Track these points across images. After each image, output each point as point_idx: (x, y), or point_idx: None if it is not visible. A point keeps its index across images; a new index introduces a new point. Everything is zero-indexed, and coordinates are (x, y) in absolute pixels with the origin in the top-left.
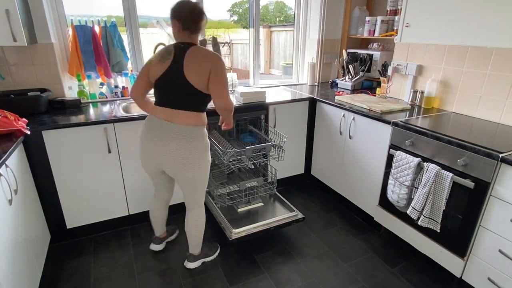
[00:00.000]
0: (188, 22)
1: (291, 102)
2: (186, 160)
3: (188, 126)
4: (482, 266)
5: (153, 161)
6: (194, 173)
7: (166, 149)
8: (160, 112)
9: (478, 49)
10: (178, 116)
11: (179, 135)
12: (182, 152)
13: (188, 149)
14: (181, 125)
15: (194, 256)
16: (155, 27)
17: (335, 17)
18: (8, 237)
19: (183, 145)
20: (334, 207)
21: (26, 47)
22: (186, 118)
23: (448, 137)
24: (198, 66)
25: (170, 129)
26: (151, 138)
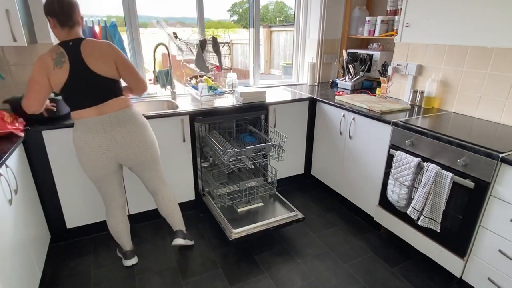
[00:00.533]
0: (62, 17)
1: (291, 102)
2: (141, 139)
3: (122, 110)
4: (482, 266)
5: (107, 159)
6: (152, 148)
7: (116, 139)
8: (86, 113)
9: (478, 49)
10: (107, 106)
11: (122, 121)
12: (133, 134)
13: (135, 129)
14: (117, 111)
15: (182, 232)
16: (155, 27)
17: (335, 17)
18: (8, 237)
19: (130, 127)
20: (334, 207)
21: (26, 47)
22: (116, 105)
23: (448, 137)
24: (100, 57)
25: (110, 119)
26: (96, 137)
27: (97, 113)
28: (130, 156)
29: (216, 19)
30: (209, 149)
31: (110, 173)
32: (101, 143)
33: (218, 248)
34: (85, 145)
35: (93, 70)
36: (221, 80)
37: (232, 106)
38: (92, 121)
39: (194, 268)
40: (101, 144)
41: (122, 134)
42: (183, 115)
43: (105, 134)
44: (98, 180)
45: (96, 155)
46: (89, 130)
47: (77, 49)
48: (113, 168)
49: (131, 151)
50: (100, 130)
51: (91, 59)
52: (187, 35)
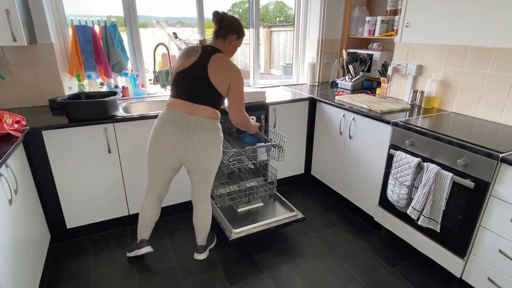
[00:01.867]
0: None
1: (291, 102)
2: (209, 151)
3: (208, 119)
4: (482, 266)
5: (174, 154)
6: (213, 163)
7: (192, 140)
8: (180, 105)
9: (478, 49)
10: (197, 109)
11: (203, 127)
12: (206, 143)
13: (210, 140)
14: (202, 117)
15: (203, 247)
16: (155, 27)
17: (335, 17)
18: (8, 237)
19: (207, 137)
20: (334, 207)
21: (26, 47)
22: (205, 112)
23: (448, 137)
24: (220, 72)
25: (194, 121)
26: (175, 130)
27: (187, 111)
28: (193, 162)
29: None
30: None
31: (167, 170)
32: (177, 140)
33: (218, 248)
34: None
35: (208, 75)
36: None
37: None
38: (181, 115)
39: (194, 268)
40: (174, 142)
41: (199, 138)
42: None
43: (186, 134)
44: (153, 171)
45: (165, 149)
46: (174, 122)
47: (210, 54)
48: (174, 165)
49: (197, 158)
50: (182, 128)
51: (212, 67)
52: (187, 35)
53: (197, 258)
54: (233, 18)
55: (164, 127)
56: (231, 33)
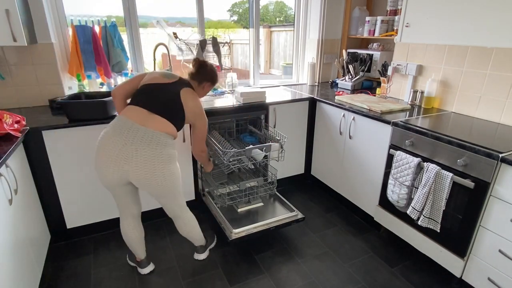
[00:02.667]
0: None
1: (291, 102)
2: (157, 167)
3: (161, 132)
4: (482, 266)
5: (119, 168)
6: (165, 181)
7: (137, 154)
8: (134, 113)
9: (478, 49)
10: (153, 120)
11: (152, 141)
12: (153, 159)
13: (159, 156)
14: (154, 130)
15: (202, 247)
16: (155, 27)
17: (335, 17)
18: (8, 237)
19: (155, 152)
20: (334, 207)
21: (26, 47)
22: (162, 125)
23: (448, 137)
24: (189, 105)
25: (142, 133)
26: (119, 141)
27: (139, 121)
28: (139, 179)
29: (216, 19)
30: (209, 149)
31: (118, 185)
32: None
33: (218, 248)
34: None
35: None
36: (221, 80)
37: (232, 106)
38: (130, 125)
39: (194, 268)
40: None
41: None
42: None
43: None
44: (110, 190)
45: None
46: (120, 132)
47: (186, 85)
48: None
49: (143, 174)
50: (127, 139)
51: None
52: (187, 35)
53: (197, 258)
54: (211, 68)
55: (107, 137)
56: (206, 80)
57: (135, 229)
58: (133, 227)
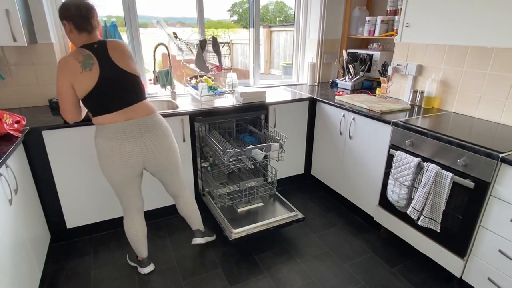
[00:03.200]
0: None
1: (291, 102)
2: (168, 145)
3: (150, 115)
4: (482, 266)
5: (135, 164)
6: (176, 153)
7: (146, 145)
8: (116, 117)
9: (478, 49)
10: (137, 110)
11: (150, 126)
12: (162, 139)
13: (164, 134)
14: (145, 117)
15: (200, 231)
16: (155, 27)
17: (335, 17)
18: (8, 237)
19: (159, 133)
20: (334, 207)
21: (26, 47)
22: (144, 110)
23: (448, 137)
24: (123, 55)
25: (139, 125)
26: (124, 143)
27: (125, 118)
28: (158, 161)
29: (216, 19)
30: (209, 149)
31: (135, 178)
32: (130, 149)
33: (218, 248)
34: (112, 152)
35: (124, 69)
36: (221, 80)
37: (232, 106)
38: (120, 126)
39: (194, 268)
40: (130, 150)
41: (151, 139)
42: (183, 115)
43: (134, 140)
44: (120, 185)
45: (125, 161)
46: (116, 137)
47: (105, 49)
48: (138, 172)
49: (159, 156)
50: (129, 136)
51: (120, 58)
52: (187, 35)
53: (194, 243)
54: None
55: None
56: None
57: (141, 224)
58: (138, 222)
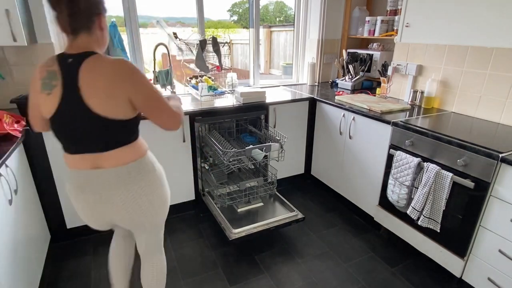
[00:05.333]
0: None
1: (291, 102)
2: (143, 205)
3: (128, 164)
4: (482, 266)
5: (99, 220)
6: (156, 215)
7: (110, 204)
8: (79, 161)
9: (478, 49)
10: (107, 159)
11: (121, 180)
12: (134, 198)
13: (141, 191)
14: (119, 167)
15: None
16: (155, 27)
17: (335, 17)
18: (8, 237)
19: (132, 189)
20: (334, 207)
21: (26, 47)
22: (119, 158)
23: (448, 137)
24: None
25: (106, 177)
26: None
27: (91, 165)
28: (127, 223)
29: (216, 19)
30: (209, 149)
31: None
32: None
33: (218, 248)
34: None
35: (90, 108)
36: (221, 80)
37: (232, 106)
38: (85, 174)
39: (194, 268)
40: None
41: (120, 197)
42: None
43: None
44: None
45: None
46: (78, 185)
47: (75, 70)
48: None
49: (129, 219)
50: (90, 191)
51: (91, 89)
52: (187, 35)
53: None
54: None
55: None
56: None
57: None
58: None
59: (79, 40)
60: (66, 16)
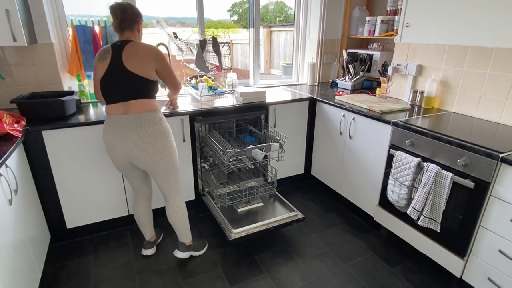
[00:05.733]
0: (117, 21)
1: (291, 102)
2: (150, 145)
3: (143, 113)
4: (482, 266)
5: (119, 155)
6: (161, 156)
7: (128, 141)
8: (115, 108)
9: (478, 49)
10: (131, 107)
11: (137, 124)
12: (145, 140)
13: (149, 135)
14: (135, 114)
15: (184, 245)
16: (155, 27)
17: (335, 17)
18: (8, 237)
19: (143, 133)
20: (334, 207)
21: (26, 47)
22: (139, 107)
23: (448, 137)
24: (139, 60)
25: (128, 120)
26: (112, 133)
27: (122, 112)
28: (138, 161)
29: (216, 19)
30: (209, 149)
31: (127, 169)
32: (114, 142)
33: (218, 248)
34: (104, 139)
35: (126, 67)
36: (221, 80)
37: (232, 106)
38: (117, 118)
39: (194, 268)
40: (114, 143)
41: (134, 137)
42: (183, 115)
43: (120, 135)
44: (121, 172)
45: (111, 152)
46: (110, 125)
47: (121, 48)
48: (128, 164)
49: (141, 156)
50: (118, 129)
51: (130, 58)
52: (187, 35)
53: (174, 254)
54: (131, 6)
55: (104, 132)
56: (136, 21)
57: (142, 209)
58: (141, 207)
59: (125, 35)
60: (119, 20)
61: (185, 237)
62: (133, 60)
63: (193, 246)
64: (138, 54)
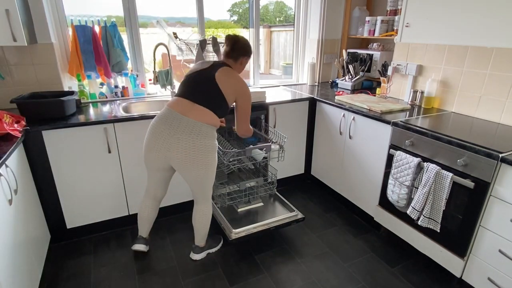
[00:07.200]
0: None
1: (291, 102)
2: (196, 157)
3: (202, 123)
4: (482, 266)
5: (162, 154)
6: (202, 170)
7: (179, 143)
8: (177, 104)
9: (478, 49)
10: (194, 110)
11: (193, 131)
12: (194, 148)
13: (199, 146)
14: (195, 120)
15: (199, 247)
16: (155, 27)
17: (335, 17)
18: (8, 237)
19: (195, 142)
20: (334, 207)
21: (26, 47)
22: (202, 115)
23: (448, 137)
24: (229, 85)
25: (185, 123)
26: (164, 130)
27: (181, 111)
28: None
29: (216, 19)
30: None
31: (158, 170)
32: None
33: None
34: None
35: (215, 79)
36: None
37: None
38: (173, 115)
39: (194, 268)
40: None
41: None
42: None
43: (174, 135)
44: (149, 168)
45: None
46: (165, 121)
47: (220, 66)
48: (163, 165)
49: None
50: (170, 129)
51: (222, 75)
52: (187, 35)
53: (191, 257)
54: (244, 41)
55: (156, 125)
56: (242, 55)
57: (149, 209)
58: (149, 206)
59: (228, 61)
60: (230, 49)
61: (201, 241)
62: (223, 78)
63: (207, 245)
64: (231, 78)
